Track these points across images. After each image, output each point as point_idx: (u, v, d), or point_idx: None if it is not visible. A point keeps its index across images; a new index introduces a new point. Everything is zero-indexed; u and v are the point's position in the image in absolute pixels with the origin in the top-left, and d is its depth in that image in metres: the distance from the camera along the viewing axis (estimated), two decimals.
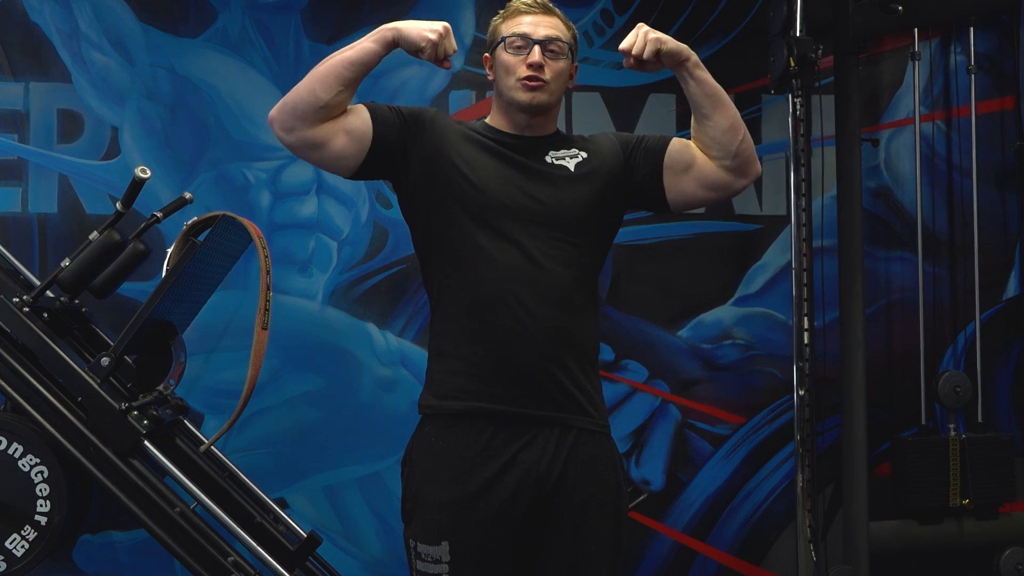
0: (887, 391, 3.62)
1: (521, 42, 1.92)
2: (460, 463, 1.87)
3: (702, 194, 2.00)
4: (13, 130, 3.30)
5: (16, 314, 2.65)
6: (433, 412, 1.93)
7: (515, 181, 1.92)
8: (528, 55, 1.90)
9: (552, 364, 1.87)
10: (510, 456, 1.87)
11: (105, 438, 2.60)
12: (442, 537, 1.87)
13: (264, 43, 3.41)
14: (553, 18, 1.96)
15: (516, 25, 1.94)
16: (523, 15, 1.95)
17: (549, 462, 1.87)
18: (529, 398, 1.87)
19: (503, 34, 1.95)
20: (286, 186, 3.41)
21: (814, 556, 3.26)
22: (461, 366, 1.90)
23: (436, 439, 1.91)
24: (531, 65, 1.90)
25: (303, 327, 3.38)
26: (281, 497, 3.31)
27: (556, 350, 1.88)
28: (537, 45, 1.91)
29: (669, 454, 3.54)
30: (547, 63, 1.91)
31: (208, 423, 3.29)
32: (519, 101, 1.92)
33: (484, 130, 2.00)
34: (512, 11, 1.97)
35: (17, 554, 2.60)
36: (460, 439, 1.88)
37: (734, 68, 3.59)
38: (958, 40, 3.69)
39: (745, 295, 3.59)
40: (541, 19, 1.94)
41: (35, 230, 3.30)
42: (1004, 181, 3.74)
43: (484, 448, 1.87)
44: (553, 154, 1.98)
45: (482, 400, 1.87)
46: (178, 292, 2.70)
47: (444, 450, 1.89)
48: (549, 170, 1.96)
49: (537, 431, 1.87)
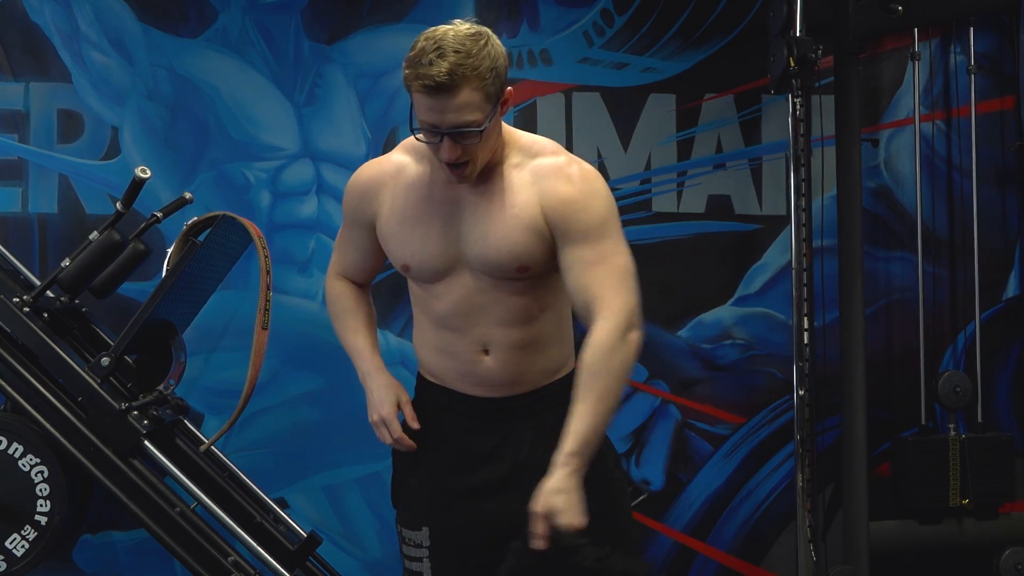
0: (887, 391, 3.63)
1: (431, 131, 1.70)
2: (440, 454, 1.92)
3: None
4: (13, 130, 3.31)
5: (16, 314, 2.65)
6: (417, 401, 1.97)
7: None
8: (441, 147, 1.71)
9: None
10: (489, 451, 1.90)
11: (105, 438, 2.60)
12: (423, 523, 1.91)
13: (264, 43, 3.42)
14: (460, 93, 1.65)
15: (422, 109, 1.68)
16: (426, 96, 1.66)
17: (528, 452, 1.88)
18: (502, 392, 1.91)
19: (413, 108, 1.71)
20: (286, 186, 3.42)
21: (814, 556, 3.27)
22: (435, 369, 1.96)
23: (420, 427, 1.93)
24: (446, 161, 1.73)
25: (303, 327, 3.39)
26: (281, 497, 3.31)
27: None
28: (447, 136, 1.69)
29: (669, 454, 3.55)
30: (464, 148, 1.71)
31: (208, 423, 3.30)
32: (449, 179, 1.79)
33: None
34: (416, 84, 1.67)
35: (17, 554, 2.60)
36: (440, 430, 1.92)
37: (734, 68, 3.60)
38: (958, 40, 3.69)
39: (745, 295, 3.60)
40: (446, 103, 1.65)
41: (35, 230, 3.31)
42: (1004, 181, 3.74)
43: (465, 439, 1.91)
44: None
45: (456, 398, 1.92)
46: (178, 292, 2.70)
47: (427, 439, 1.92)
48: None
49: (515, 423, 1.90)
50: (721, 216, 3.60)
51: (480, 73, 1.67)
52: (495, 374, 1.86)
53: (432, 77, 1.64)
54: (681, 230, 3.59)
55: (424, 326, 1.93)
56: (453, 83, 1.64)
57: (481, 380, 1.88)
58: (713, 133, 3.62)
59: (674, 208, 3.59)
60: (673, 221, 3.58)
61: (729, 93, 3.62)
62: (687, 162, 3.60)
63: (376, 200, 1.87)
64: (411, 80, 1.67)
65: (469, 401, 1.91)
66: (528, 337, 1.86)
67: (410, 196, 1.84)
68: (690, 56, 3.59)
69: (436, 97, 1.65)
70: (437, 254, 1.84)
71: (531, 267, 1.81)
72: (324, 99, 3.43)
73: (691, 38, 3.59)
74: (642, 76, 3.56)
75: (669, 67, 3.57)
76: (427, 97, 1.66)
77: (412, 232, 1.83)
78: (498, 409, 1.90)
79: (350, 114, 3.45)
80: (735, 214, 3.61)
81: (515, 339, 1.85)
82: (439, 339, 1.89)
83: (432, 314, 1.89)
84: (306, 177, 3.42)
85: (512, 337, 1.85)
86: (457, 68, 1.65)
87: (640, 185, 3.57)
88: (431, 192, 1.83)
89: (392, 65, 3.47)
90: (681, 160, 3.60)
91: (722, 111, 3.62)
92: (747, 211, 3.61)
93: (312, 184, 3.43)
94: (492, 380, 1.88)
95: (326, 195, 3.43)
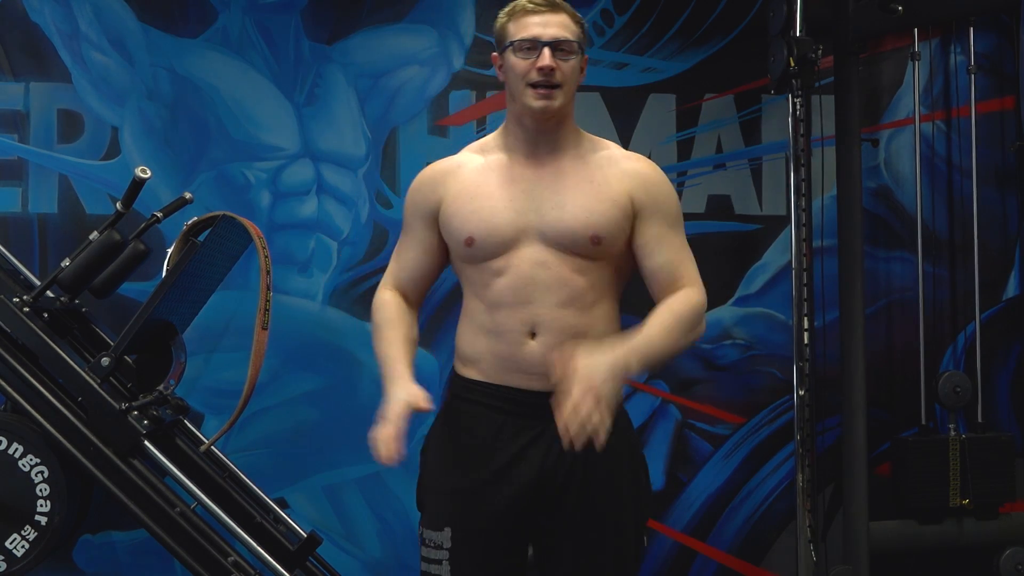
0: (887, 391, 3.64)
1: (530, 45, 1.87)
2: (469, 452, 1.92)
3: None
4: (13, 130, 3.32)
5: (16, 314, 2.67)
6: (447, 407, 2.00)
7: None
8: (538, 58, 1.86)
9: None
10: (517, 451, 1.89)
11: (105, 438, 2.62)
12: (445, 523, 1.91)
13: (264, 43, 3.43)
14: (561, 15, 1.89)
15: (524, 27, 1.88)
16: (530, 15, 1.88)
17: (557, 457, 1.88)
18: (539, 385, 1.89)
19: (511, 36, 1.90)
20: (286, 186, 3.42)
21: (814, 556, 3.28)
22: (478, 354, 1.96)
23: (449, 428, 1.97)
24: (542, 69, 1.85)
25: (303, 327, 3.40)
26: (281, 497, 3.32)
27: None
28: (547, 47, 1.86)
29: (669, 454, 3.56)
30: (558, 65, 1.86)
31: (208, 423, 3.31)
32: (532, 107, 1.88)
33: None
34: (519, 10, 1.91)
35: (17, 554, 2.62)
36: (471, 429, 1.93)
37: (734, 68, 3.61)
38: (958, 40, 3.70)
39: (745, 295, 3.62)
40: (549, 18, 1.88)
41: (35, 230, 3.32)
42: (1004, 181, 3.75)
43: (494, 439, 1.90)
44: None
45: (490, 391, 1.92)
46: (178, 292, 2.72)
47: (455, 440, 1.95)
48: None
49: (545, 425, 1.85)
50: (721, 216, 3.61)
51: (575, 15, 1.93)
52: (538, 360, 1.86)
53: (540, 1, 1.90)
54: None
55: (474, 311, 1.94)
56: (556, 4, 1.91)
57: (522, 366, 1.88)
58: (713, 133, 3.63)
59: None
60: None
61: (729, 93, 3.63)
62: (687, 162, 3.61)
63: (442, 187, 1.96)
64: (519, 6, 1.91)
65: (504, 394, 1.90)
66: (578, 325, 1.88)
67: (479, 178, 1.94)
68: (690, 56, 3.60)
69: (542, 14, 1.88)
70: (505, 224, 1.89)
71: (604, 239, 1.88)
72: (324, 99, 3.44)
73: (691, 38, 3.60)
74: (642, 76, 3.57)
75: (669, 67, 3.59)
76: (533, 15, 1.88)
77: (480, 206, 1.91)
78: (533, 404, 1.88)
79: (350, 114, 3.46)
80: (735, 214, 3.62)
81: (565, 324, 1.87)
82: (489, 320, 1.90)
83: (486, 295, 1.91)
84: (306, 177, 3.43)
85: (563, 321, 1.87)
86: (558, 2, 1.92)
87: None
88: (508, 171, 1.94)
89: (392, 65, 3.49)
90: (681, 160, 3.61)
91: (722, 111, 3.63)
92: (747, 211, 3.62)
93: (312, 184, 3.43)
94: (533, 367, 1.87)
95: (326, 195, 3.44)
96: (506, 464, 1.89)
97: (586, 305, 1.89)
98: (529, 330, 1.88)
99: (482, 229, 1.89)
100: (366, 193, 3.46)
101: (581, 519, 1.90)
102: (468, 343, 1.96)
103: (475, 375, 1.94)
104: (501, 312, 1.89)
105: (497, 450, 1.90)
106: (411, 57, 3.49)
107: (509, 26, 1.91)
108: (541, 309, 1.87)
